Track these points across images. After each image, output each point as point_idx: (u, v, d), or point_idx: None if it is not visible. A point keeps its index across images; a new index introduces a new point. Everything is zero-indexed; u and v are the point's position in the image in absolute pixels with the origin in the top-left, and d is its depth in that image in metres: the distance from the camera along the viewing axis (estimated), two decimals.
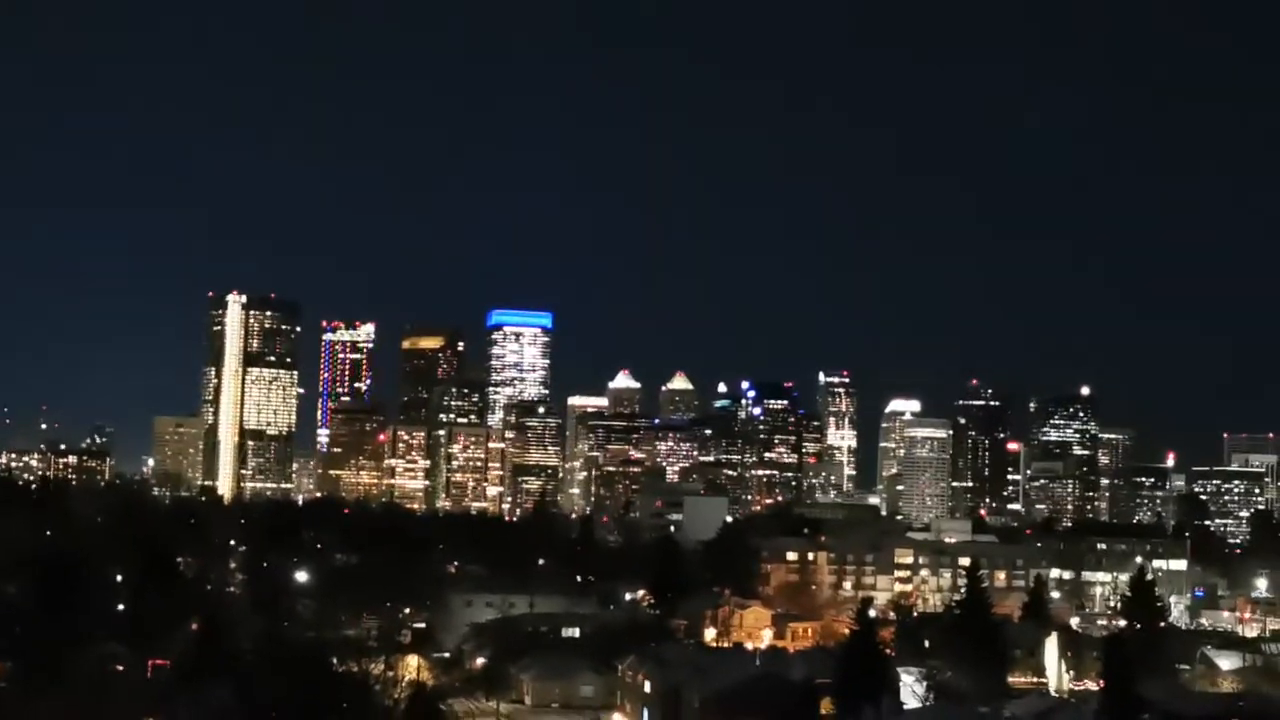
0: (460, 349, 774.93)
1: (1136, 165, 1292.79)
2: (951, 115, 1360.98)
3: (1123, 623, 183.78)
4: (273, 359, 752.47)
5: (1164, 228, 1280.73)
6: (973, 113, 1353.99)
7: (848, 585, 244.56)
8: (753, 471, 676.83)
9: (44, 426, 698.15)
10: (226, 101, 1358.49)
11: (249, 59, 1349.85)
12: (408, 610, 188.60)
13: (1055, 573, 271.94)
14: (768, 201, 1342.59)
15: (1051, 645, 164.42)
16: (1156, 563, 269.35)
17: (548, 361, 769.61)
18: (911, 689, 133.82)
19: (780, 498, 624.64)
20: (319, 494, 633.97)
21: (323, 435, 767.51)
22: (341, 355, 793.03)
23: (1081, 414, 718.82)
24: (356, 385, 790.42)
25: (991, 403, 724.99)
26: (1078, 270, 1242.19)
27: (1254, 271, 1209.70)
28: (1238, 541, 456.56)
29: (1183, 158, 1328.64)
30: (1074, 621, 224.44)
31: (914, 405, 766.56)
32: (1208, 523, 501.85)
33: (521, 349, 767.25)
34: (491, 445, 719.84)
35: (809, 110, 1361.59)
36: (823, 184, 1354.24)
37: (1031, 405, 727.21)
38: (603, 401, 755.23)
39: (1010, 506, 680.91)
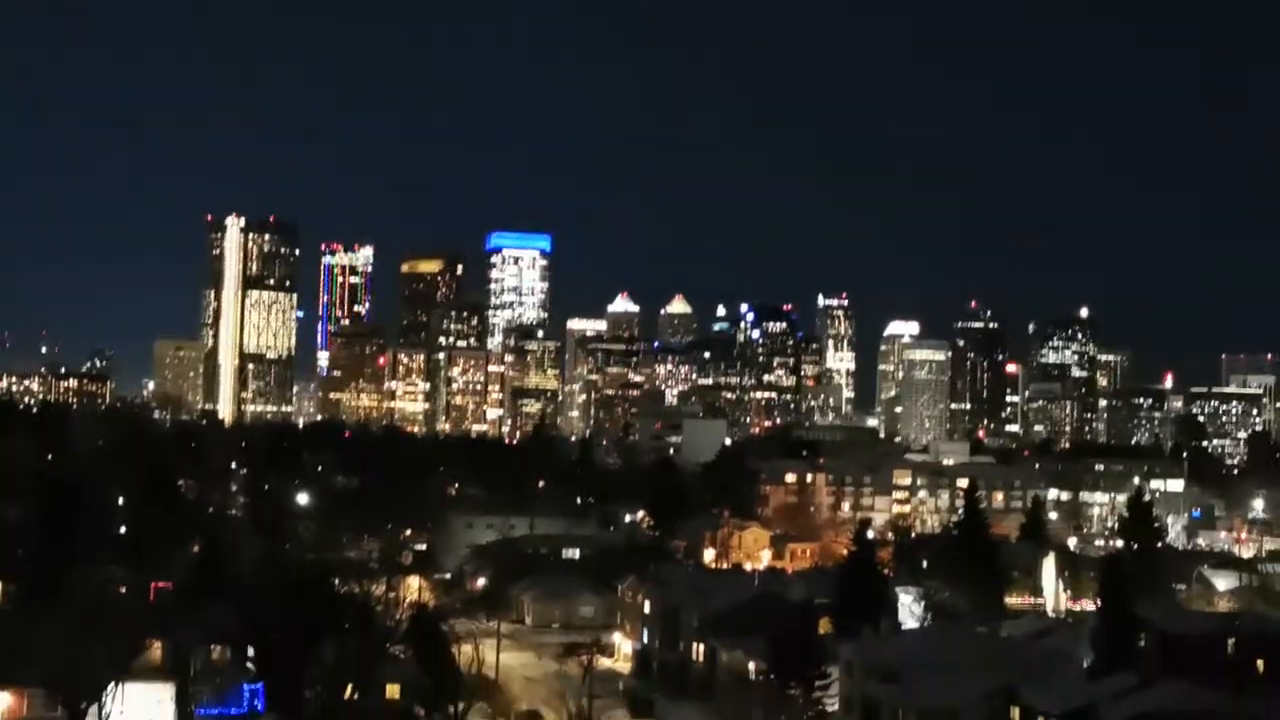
0: (459, 272, 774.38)
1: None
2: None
3: (1120, 543, 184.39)
4: (272, 282, 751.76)
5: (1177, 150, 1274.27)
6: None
7: (846, 506, 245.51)
8: (751, 394, 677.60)
9: (44, 350, 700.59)
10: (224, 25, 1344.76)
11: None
12: (409, 532, 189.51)
13: (1053, 494, 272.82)
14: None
15: (1049, 566, 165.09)
16: (1154, 484, 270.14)
17: (546, 284, 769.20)
18: (909, 609, 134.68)
19: (779, 420, 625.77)
20: (319, 417, 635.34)
21: (323, 358, 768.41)
22: (340, 278, 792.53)
23: (1080, 336, 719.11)
24: (356, 308, 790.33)
25: (990, 325, 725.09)
26: (1079, 185, 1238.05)
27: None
28: (1235, 462, 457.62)
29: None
30: (1071, 542, 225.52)
31: (913, 327, 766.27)
32: (1205, 444, 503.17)
33: (520, 272, 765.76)
34: (491, 368, 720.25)
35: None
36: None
37: (1030, 327, 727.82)
38: (602, 325, 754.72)
39: (1008, 428, 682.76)
